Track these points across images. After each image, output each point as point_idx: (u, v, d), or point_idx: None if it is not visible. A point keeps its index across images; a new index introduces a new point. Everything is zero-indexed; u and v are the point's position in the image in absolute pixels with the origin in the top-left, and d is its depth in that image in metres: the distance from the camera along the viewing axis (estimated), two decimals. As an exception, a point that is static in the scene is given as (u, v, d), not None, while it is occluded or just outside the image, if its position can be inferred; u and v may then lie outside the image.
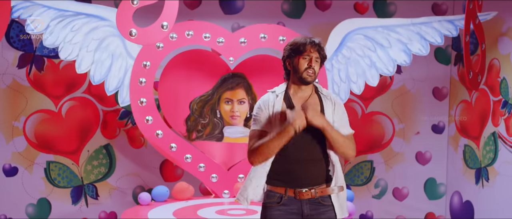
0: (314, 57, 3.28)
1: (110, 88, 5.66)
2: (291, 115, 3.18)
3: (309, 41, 3.30)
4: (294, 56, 3.31)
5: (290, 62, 3.36)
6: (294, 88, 3.36)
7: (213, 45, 5.73)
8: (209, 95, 5.97)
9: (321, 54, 3.34)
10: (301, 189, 3.26)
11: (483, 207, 6.41)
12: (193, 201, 5.71)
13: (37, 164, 6.55)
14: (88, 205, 6.67)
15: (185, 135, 5.91)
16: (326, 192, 3.29)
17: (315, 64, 3.30)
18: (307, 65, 3.27)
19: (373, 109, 7.00)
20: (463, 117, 6.79)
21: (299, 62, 3.29)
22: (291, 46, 3.36)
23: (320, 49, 3.33)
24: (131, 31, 5.06)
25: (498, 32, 6.26)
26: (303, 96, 3.35)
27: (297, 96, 3.35)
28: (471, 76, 5.67)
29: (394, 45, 5.85)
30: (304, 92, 3.36)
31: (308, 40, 3.31)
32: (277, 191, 3.29)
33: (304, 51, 3.27)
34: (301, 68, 3.27)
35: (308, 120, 3.15)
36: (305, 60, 3.27)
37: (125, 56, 5.67)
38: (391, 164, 7.06)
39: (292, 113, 3.18)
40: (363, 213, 7.04)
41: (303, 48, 3.28)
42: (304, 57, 3.27)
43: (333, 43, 5.86)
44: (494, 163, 6.29)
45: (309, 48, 3.28)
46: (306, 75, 3.28)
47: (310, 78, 3.30)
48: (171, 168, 6.72)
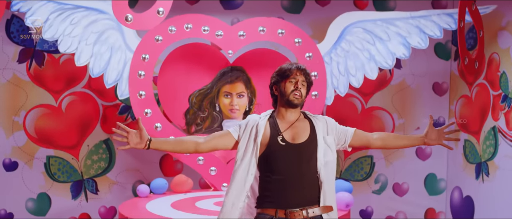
0: (301, 80, 3.29)
1: (109, 81, 5.68)
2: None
3: (295, 66, 3.33)
4: (281, 80, 3.33)
5: (276, 87, 3.37)
6: (281, 113, 3.35)
7: (212, 38, 5.74)
8: (208, 88, 5.97)
9: (307, 78, 3.35)
10: (292, 209, 3.20)
11: (484, 202, 6.38)
12: (191, 193, 5.70)
13: (37, 158, 6.57)
14: (88, 199, 6.68)
15: (184, 129, 5.92)
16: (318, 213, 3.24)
17: (302, 87, 3.31)
18: (294, 87, 3.28)
19: (373, 104, 6.99)
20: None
21: (285, 85, 3.30)
22: (277, 72, 3.39)
23: (306, 74, 3.35)
24: (127, 17, 5.08)
25: (497, 26, 6.25)
26: (290, 120, 3.34)
27: (284, 120, 3.33)
28: (466, 62, 5.63)
29: (393, 38, 5.85)
30: (291, 116, 3.35)
31: (294, 65, 3.34)
32: (267, 213, 3.23)
33: (290, 75, 3.29)
34: (287, 90, 3.28)
35: None
36: (291, 83, 3.29)
37: (124, 49, 5.68)
38: (391, 160, 7.04)
39: None
40: (363, 209, 7.02)
41: (289, 72, 3.30)
42: (290, 81, 3.29)
43: (332, 36, 5.87)
44: (494, 158, 6.27)
45: (295, 72, 3.31)
46: (293, 97, 3.28)
47: (297, 100, 3.30)
48: (171, 163, 6.72)
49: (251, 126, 3.33)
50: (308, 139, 3.28)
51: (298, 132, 3.31)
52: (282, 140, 3.26)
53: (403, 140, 3.59)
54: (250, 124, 3.34)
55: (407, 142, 3.59)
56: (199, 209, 4.98)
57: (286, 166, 3.21)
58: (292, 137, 3.29)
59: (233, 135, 3.37)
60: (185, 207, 5.04)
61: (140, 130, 3.27)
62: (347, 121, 6.94)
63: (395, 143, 3.58)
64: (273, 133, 3.28)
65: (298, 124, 3.34)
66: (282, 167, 3.21)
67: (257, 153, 3.25)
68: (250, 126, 3.33)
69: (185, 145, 3.37)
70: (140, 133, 3.27)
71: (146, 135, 3.29)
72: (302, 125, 3.35)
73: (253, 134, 3.29)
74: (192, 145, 3.37)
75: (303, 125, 3.35)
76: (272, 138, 3.27)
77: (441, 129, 3.58)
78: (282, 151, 3.26)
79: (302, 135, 3.31)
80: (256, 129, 3.30)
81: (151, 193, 5.67)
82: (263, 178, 3.28)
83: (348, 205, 4.99)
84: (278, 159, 3.25)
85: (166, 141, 3.41)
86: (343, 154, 6.99)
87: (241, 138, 3.33)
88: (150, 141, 3.31)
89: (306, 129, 3.33)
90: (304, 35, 5.83)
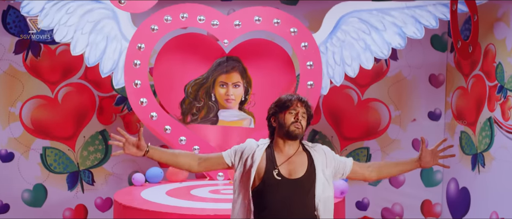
0: (301, 112, 3.15)
1: (105, 70, 5.68)
2: None
3: (296, 97, 3.19)
4: (280, 112, 3.17)
5: (275, 119, 3.20)
6: (279, 145, 3.19)
7: (208, 28, 5.74)
8: (204, 78, 5.97)
9: (307, 111, 3.19)
10: None
11: (479, 193, 6.38)
12: (187, 183, 5.70)
13: (33, 149, 6.57)
14: (84, 190, 6.68)
15: (180, 118, 5.92)
16: None
17: (302, 119, 3.15)
18: (294, 119, 3.12)
19: (369, 96, 6.99)
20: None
21: (285, 117, 3.14)
22: (276, 103, 3.23)
23: (307, 106, 3.20)
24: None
25: (493, 18, 6.26)
26: (287, 153, 3.16)
27: (281, 153, 3.16)
28: (460, 45, 5.61)
29: (389, 28, 5.85)
30: (289, 149, 3.17)
31: (294, 96, 3.19)
32: None
33: (290, 106, 3.14)
34: (287, 122, 3.13)
35: None
36: (291, 114, 3.14)
37: (119, 38, 5.69)
38: (387, 151, 7.05)
39: None
40: (359, 200, 7.02)
41: (289, 103, 3.16)
42: (290, 112, 3.14)
43: (327, 26, 5.87)
44: (490, 149, 6.27)
45: (296, 103, 3.16)
46: (293, 128, 3.11)
47: (297, 130, 3.13)
48: (167, 154, 6.71)
49: (247, 155, 3.17)
50: (306, 173, 3.11)
51: (296, 167, 3.13)
52: (278, 174, 3.09)
53: (398, 166, 3.44)
54: (246, 153, 3.18)
55: (402, 168, 3.46)
56: (194, 197, 4.98)
57: (281, 202, 3.04)
58: (289, 172, 3.11)
59: (226, 160, 3.23)
60: (180, 195, 5.04)
61: (140, 139, 3.16)
62: (344, 112, 6.98)
63: (390, 172, 3.44)
64: (269, 166, 3.11)
65: (295, 158, 3.16)
66: (277, 203, 3.04)
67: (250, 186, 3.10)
68: (246, 154, 3.17)
69: (180, 162, 3.25)
70: (138, 143, 3.17)
71: (144, 145, 3.16)
72: (299, 159, 3.17)
73: (248, 164, 3.13)
74: (186, 165, 3.26)
75: (301, 159, 3.17)
76: (267, 172, 3.10)
77: (435, 149, 3.47)
78: (277, 186, 3.08)
79: (299, 169, 3.13)
80: (252, 159, 3.14)
81: (146, 182, 5.67)
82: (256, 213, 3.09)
83: (342, 192, 4.99)
84: (272, 194, 3.06)
85: (163, 153, 3.25)
86: (339, 145, 7.00)
87: (237, 166, 3.19)
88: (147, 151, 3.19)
89: (303, 163, 3.15)
90: (300, 24, 5.83)
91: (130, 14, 5.74)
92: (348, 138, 6.99)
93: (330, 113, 6.98)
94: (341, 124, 7.01)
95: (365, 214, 7.01)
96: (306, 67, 5.76)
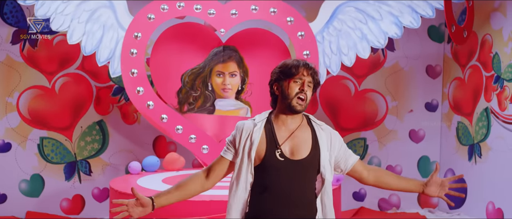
0: (307, 81, 2.85)
1: (101, 59, 5.68)
2: None
3: (303, 63, 2.88)
4: (284, 79, 2.87)
5: (278, 86, 2.90)
6: (280, 118, 2.91)
7: (204, 17, 5.74)
8: (200, 68, 5.97)
9: (314, 79, 2.89)
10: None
11: (476, 183, 6.39)
12: (183, 171, 5.71)
13: (30, 140, 6.58)
14: (81, 181, 6.69)
15: (177, 108, 5.92)
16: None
17: (308, 89, 2.86)
18: (299, 89, 2.84)
19: (366, 87, 7.00)
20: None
21: (289, 86, 2.85)
22: (280, 68, 2.91)
23: (314, 73, 2.89)
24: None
25: (490, 8, 6.27)
26: (290, 128, 2.89)
27: (283, 128, 2.90)
28: (454, 30, 5.62)
29: (385, 17, 5.85)
30: (292, 123, 2.90)
31: (301, 62, 2.88)
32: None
33: (296, 74, 2.85)
34: (291, 93, 2.84)
35: None
36: (296, 83, 2.85)
37: (116, 27, 5.69)
38: (384, 142, 7.06)
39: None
40: (356, 191, 7.03)
41: (295, 70, 2.85)
42: (295, 81, 2.85)
43: (324, 15, 5.87)
44: (486, 139, 6.28)
45: (302, 71, 2.86)
46: (295, 103, 2.84)
47: (299, 107, 2.84)
48: (164, 144, 6.73)
49: (245, 137, 2.89)
50: (310, 155, 2.86)
51: (299, 144, 2.87)
52: (280, 155, 2.84)
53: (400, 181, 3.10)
54: (244, 136, 2.90)
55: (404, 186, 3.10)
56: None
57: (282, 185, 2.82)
58: (291, 151, 2.86)
59: (227, 157, 2.94)
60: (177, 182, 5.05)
61: (139, 199, 2.87)
62: (341, 103, 6.98)
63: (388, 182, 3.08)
64: (270, 146, 2.86)
65: (298, 133, 2.90)
66: (277, 186, 2.82)
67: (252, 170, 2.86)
68: (244, 137, 2.90)
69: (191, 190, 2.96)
70: (139, 202, 2.88)
71: (147, 200, 2.88)
72: (303, 135, 2.91)
73: (247, 147, 2.87)
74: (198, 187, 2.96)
75: (304, 136, 2.91)
76: (268, 152, 2.85)
77: (445, 182, 3.07)
78: (279, 167, 2.83)
79: (302, 148, 2.87)
80: (251, 140, 2.87)
81: (143, 171, 5.67)
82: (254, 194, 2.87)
83: (338, 179, 5.00)
84: (273, 176, 2.83)
85: (171, 195, 2.95)
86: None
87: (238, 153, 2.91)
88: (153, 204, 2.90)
89: (307, 140, 2.90)
90: (296, 14, 5.83)
91: (126, 3, 5.74)
92: (345, 128, 7.00)
93: (327, 104, 6.99)
94: (338, 115, 7.02)
95: (362, 204, 7.02)
96: (302, 57, 5.76)
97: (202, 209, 4.29)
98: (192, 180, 2.97)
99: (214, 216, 4.19)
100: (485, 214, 6.23)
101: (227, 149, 2.95)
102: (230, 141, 2.95)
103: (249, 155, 2.85)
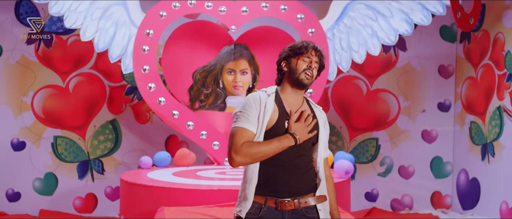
0: (314, 60, 3.00)
1: (114, 56, 5.75)
2: (295, 127, 2.89)
3: (311, 45, 3.03)
4: (293, 57, 3.02)
5: (286, 63, 3.03)
6: (286, 92, 3.03)
7: (215, 14, 5.79)
8: (212, 65, 6.02)
9: (321, 61, 3.04)
10: (283, 199, 2.92)
11: (489, 182, 6.34)
12: (194, 167, 5.74)
13: (44, 138, 6.65)
14: (94, 179, 6.74)
15: (188, 105, 5.96)
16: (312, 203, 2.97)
17: (314, 68, 3.00)
18: (307, 66, 2.97)
19: (378, 87, 6.99)
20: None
21: (297, 62, 2.99)
22: (290, 47, 3.06)
23: (320, 55, 3.04)
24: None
25: (502, 6, 6.24)
26: (295, 103, 3.02)
27: (288, 101, 3.01)
28: (459, 15, 5.59)
29: (396, 14, 5.86)
30: (297, 99, 3.03)
31: (310, 44, 3.03)
32: (256, 201, 2.93)
33: (304, 53, 3.00)
34: (299, 69, 2.98)
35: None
36: (304, 62, 2.99)
37: (128, 24, 5.76)
38: (396, 142, 7.03)
39: (297, 125, 2.89)
40: (368, 191, 6.99)
41: (304, 49, 3.00)
42: (303, 59, 2.99)
43: (334, 12, 5.90)
44: (499, 138, 6.23)
45: (311, 51, 3.00)
46: (303, 76, 2.96)
47: (307, 80, 2.97)
48: (176, 143, 6.76)
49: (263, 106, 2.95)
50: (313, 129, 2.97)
51: None
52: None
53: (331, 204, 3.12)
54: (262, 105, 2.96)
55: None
56: (200, 177, 5.01)
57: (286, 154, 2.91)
58: None
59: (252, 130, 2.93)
60: (186, 175, 5.07)
61: None
62: (353, 103, 6.98)
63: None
64: (281, 116, 2.96)
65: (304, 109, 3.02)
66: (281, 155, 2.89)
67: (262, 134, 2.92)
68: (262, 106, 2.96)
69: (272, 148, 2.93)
70: None
71: None
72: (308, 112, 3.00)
73: (261, 116, 2.95)
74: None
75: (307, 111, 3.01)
76: (279, 121, 2.95)
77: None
78: None
79: None
80: (265, 108, 2.95)
81: (153, 166, 5.71)
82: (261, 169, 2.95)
83: (347, 172, 4.98)
84: None
85: (259, 144, 2.92)
86: (348, 136, 6.99)
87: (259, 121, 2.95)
88: None
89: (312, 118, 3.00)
90: (307, 11, 5.86)
91: (139, 0, 5.82)
92: (357, 128, 6.99)
93: (339, 104, 6.98)
94: (350, 115, 7.01)
95: (374, 205, 6.98)
96: (313, 54, 5.77)
97: (211, 198, 4.30)
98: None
99: (223, 204, 4.20)
100: (499, 214, 6.15)
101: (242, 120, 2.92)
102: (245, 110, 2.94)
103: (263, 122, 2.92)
